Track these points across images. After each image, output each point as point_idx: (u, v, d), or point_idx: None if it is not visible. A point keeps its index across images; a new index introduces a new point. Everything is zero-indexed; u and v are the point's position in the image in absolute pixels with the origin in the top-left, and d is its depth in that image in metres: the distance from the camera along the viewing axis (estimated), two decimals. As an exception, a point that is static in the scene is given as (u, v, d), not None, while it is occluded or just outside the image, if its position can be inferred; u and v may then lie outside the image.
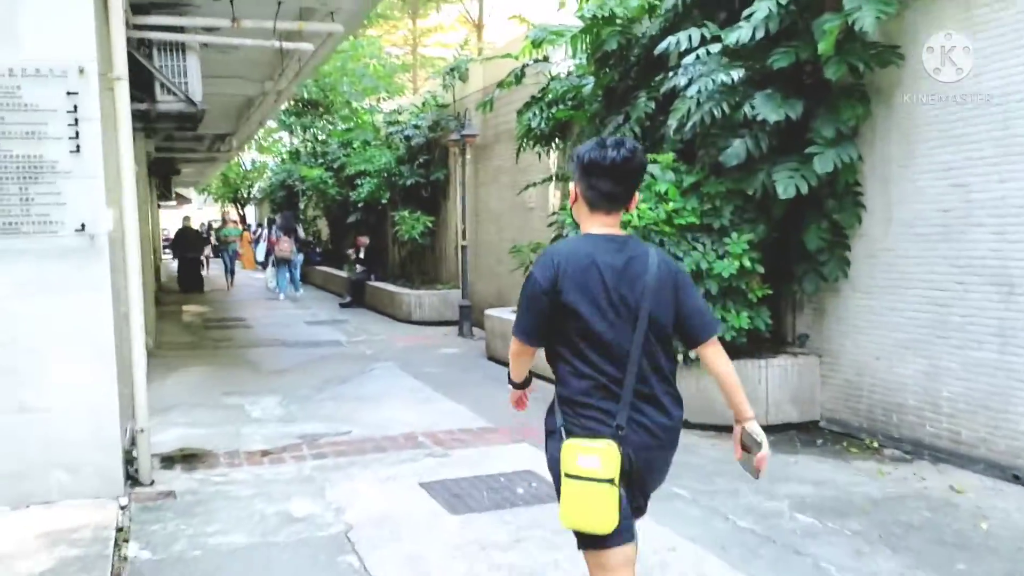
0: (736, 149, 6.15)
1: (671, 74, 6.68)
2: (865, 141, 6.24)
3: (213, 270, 23.31)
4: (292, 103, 21.09)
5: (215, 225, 29.60)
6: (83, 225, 4.82)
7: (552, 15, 10.36)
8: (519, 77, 9.44)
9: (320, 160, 20.12)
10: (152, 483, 5.33)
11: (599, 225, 2.65)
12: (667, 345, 2.64)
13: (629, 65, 8.06)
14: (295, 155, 22.36)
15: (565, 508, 2.49)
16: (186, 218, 20.71)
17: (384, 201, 15.16)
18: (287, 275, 18.41)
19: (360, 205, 16.09)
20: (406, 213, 14.25)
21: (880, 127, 6.14)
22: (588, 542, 2.56)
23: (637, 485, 2.61)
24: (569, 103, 8.80)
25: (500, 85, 9.69)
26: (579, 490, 2.45)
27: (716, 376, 2.71)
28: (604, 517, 2.43)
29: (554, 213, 10.00)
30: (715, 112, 6.15)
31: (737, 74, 6.07)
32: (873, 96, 6.10)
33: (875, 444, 6.29)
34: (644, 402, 2.57)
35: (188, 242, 19.86)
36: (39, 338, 4.82)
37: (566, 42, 7.89)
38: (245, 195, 38.23)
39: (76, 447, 4.92)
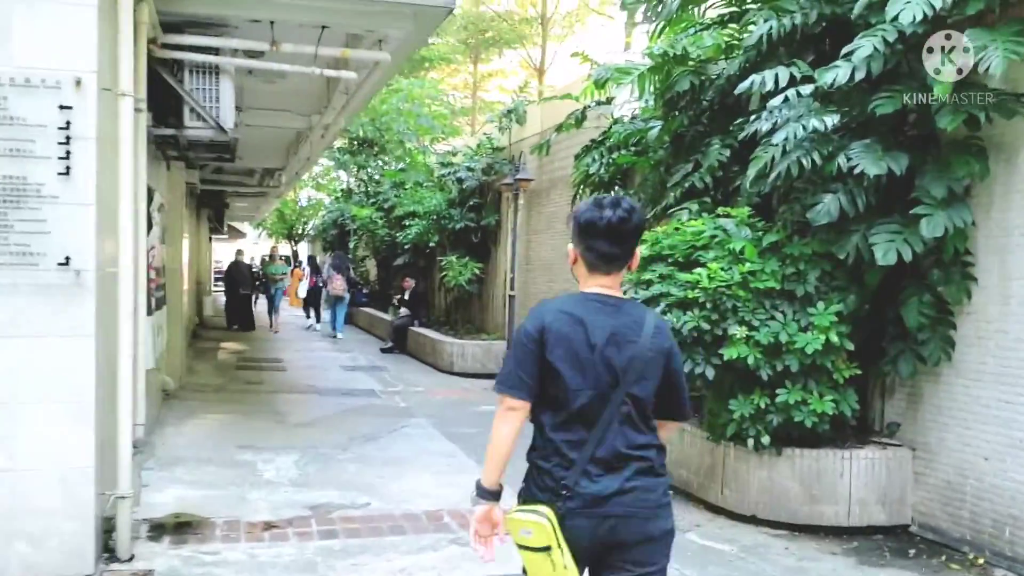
0: (827, 206, 5.31)
1: (752, 118, 5.89)
2: (979, 204, 5.34)
3: (259, 308, 22.52)
4: (347, 141, 20.82)
5: (264, 260, 28.79)
6: (68, 259, 4.18)
7: (617, 56, 9.70)
8: (579, 120, 8.76)
9: (372, 200, 19.71)
10: (131, 558, 4.60)
11: (597, 286, 2.60)
12: (645, 415, 2.58)
13: (701, 109, 7.31)
14: (348, 194, 22.03)
15: (527, 571, 2.54)
16: (239, 252, 19.88)
17: (432, 244, 14.55)
18: (341, 313, 18.57)
19: (408, 247, 15.50)
20: (454, 258, 13.60)
21: (999, 189, 5.24)
22: None
23: (607, 555, 2.53)
24: (632, 149, 8.07)
25: (559, 128, 9.01)
26: (527, 558, 2.50)
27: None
28: None
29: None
30: (803, 162, 5.33)
31: (831, 120, 5.26)
32: (992, 152, 5.21)
33: (980, 561, 5.28)
34: (606, 471, 2.50)
35: (240, 277, 18.94)
36: (7, 388, 4.16)
37: (633, 82, 7.18)
38: (299, 232, 38.32)
39: (43, 515, 4.23)
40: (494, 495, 2.59)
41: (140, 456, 5.53)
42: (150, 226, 6.85)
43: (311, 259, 23.55)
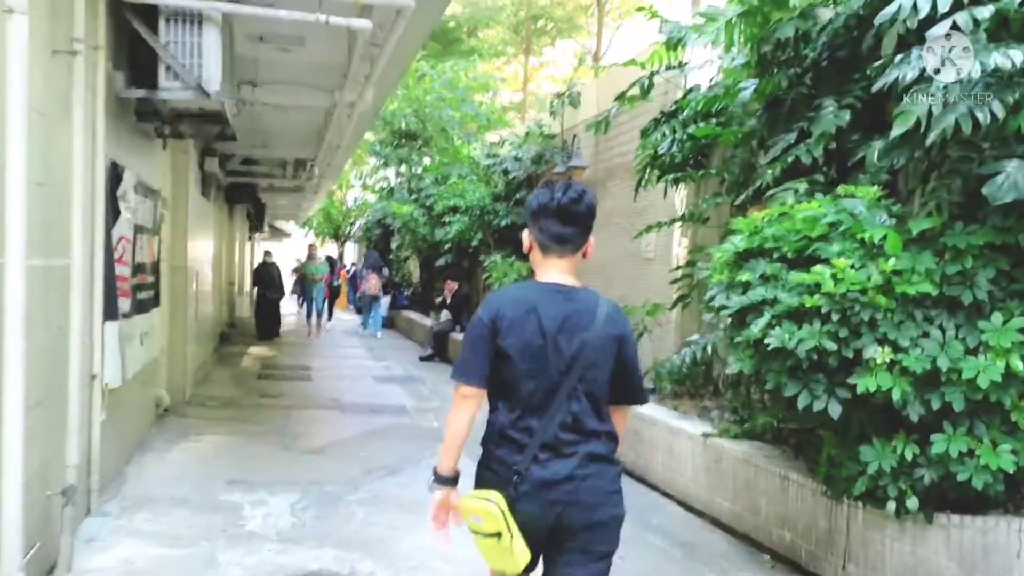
0: (1012, 177, 3.74)
1: (897, 61, 4.31)
2: None
3: (295, 311, 20.70)
4: (389, 134, 19.58)
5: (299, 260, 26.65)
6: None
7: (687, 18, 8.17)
8: (646, 88, 7.26)
9: (413, 196, 18.42)
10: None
11: (553, 270, 2.66)
12: (596, 402, 2.60)
13: (805, 66, 5.78)
14: (390, 191, 20.80)
15: (487, 561, 2.59)
16: (267, 253, 18.32)
17: (476, 243, 13.15)
18: (377, 313, 18.77)
19: (449, 246, 14.16)
20: (499, 258, 12.18)
21: None
22: None
23: (555, 538, 2.56)
24: (712, 121, 6.56)
25: (621, 98, 7.51)
26: (480, 544, 2.54)
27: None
28: (507, 562, 2.50)
29: (680, 267, 7.71)
30: (978, 116, 3.78)
31: (1021, 56, 3.69)
32: None
33: None
34: (555, 456, 2.53)
35: (269, 279, 17.17)
36: None
37: (718, 32, 5.67)
38: (346, 232, 37.41)
39: None
40: (450, 481, 2.65)
41: (74, 507, 4.20)
42: (117, 213, 5.56)
43: (329, 259, 22.50)
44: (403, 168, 19.76)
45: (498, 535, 2.45)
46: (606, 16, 23.91)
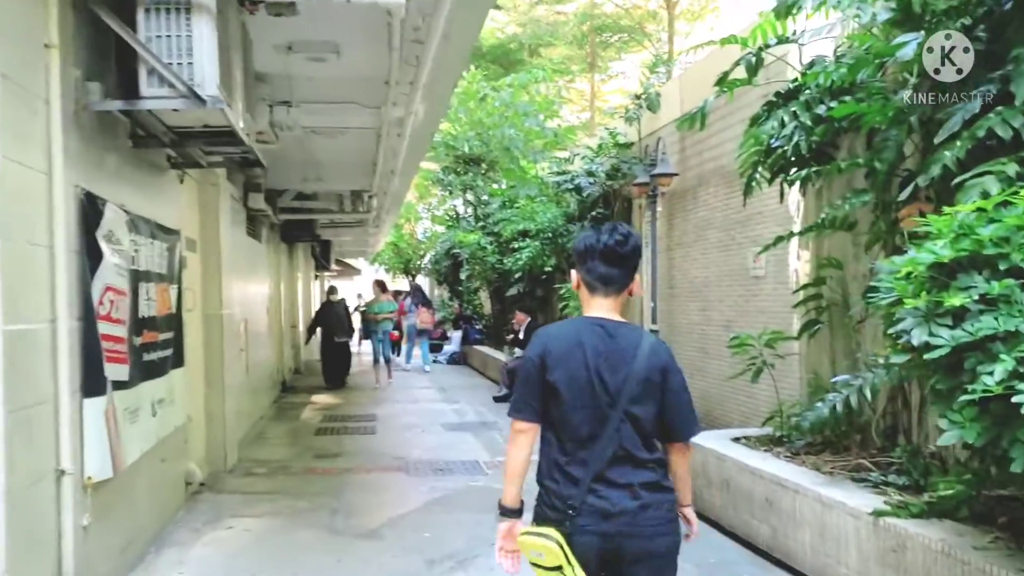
0: None
1: None
2: None
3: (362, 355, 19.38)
4: (452, 160, 18.53)
5: (363, 299, 24.32)
6: None
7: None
8: (754, 66, 5.84)
9: (480, 223, 17.26)
10: None
11: (599, 308, 2.74)
12: (645, 434, 2.65)
13: (978, 15, 4.32)
14: (456, 219, 19.72)
15: None
16: (331, 290, 16.25)
17: (549, 269, 11.82)
18: (425, 347, 18.88)
19: (520, 275, 12.87)
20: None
21: None
22: None
23: (615, 569, 2.62)
24: (847, 99, 5.10)
25: (720, 82, 6.11)
26: (541, 574, 2.57)
27: (674, 473, 2.75)
28: None
29: (805, 286, 6.24)
30: None
31: None
32: None
33: None
34: (610, 488, 2.59)
35: (335, 320, 15.31)
36: None
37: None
38: (416, 266, 36.69)
39: None
40: (515, 512, 2.74)
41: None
42: (99, 257, 4.42)
43: (410, 290, 21.49)
44: (469, 195, 18.65)
45: (559, 568, 2.51)
46: (676, 21, 22.50)
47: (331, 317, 15.43)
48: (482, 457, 8.78)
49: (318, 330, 16.27)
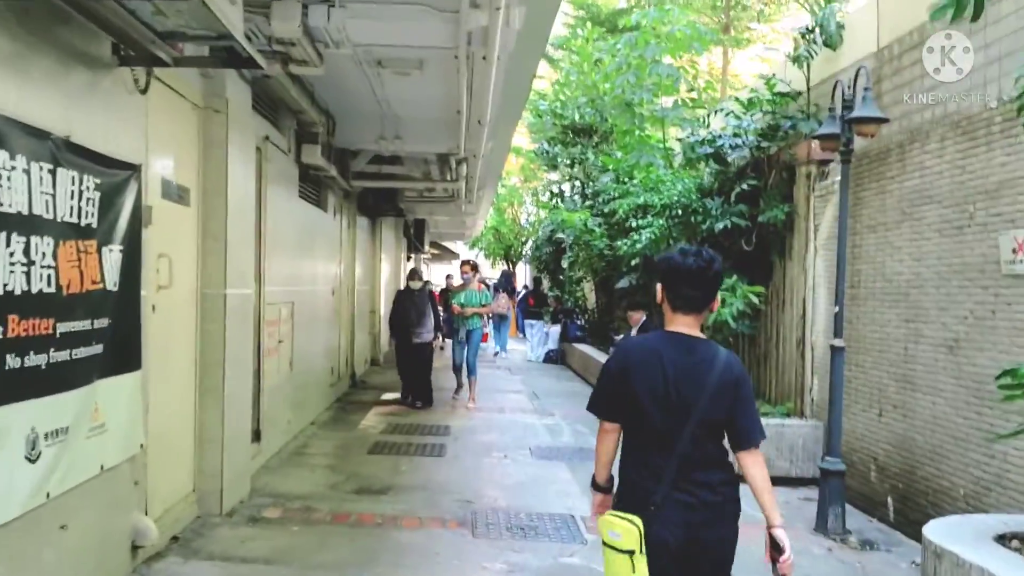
0: None
1: None
2: None
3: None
4: (560, 131, 16.06)
5: (448, 286, 20.89)
6: None
7: None
8: None
9: (588, 202, 14.75)
10: None
11: (680, 324, 2.94)
12: (719, 439, 2.92)
13: None
14: (559, 196, 17.25)
15: (606, 570, 2.84)
16: (412, 273, 11.83)
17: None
18: (504, 331, 19.24)
19: (634, 263, 10.32)
20: (713, 278, 8.19)
21: None
22: None
23: (691, 560, 2.84)
24: None
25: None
26: (609, 556, 2.80)
27: (750, 481, 2.89)
28: None
29: None
30: None
31: None
32: None
33: None
34: (688, 484, 2.83)
35: (412, 314, 11.10)
36: None
37: None
38: (518, 253, 34.51)
39: None
40: (605, 488, 3.14)
41: None
42: None
43: (504, 275, 19.48)
44: (575, 170, 16.14)
45: (631, 553, 2.72)
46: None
47: (408, 309, 11.18)
48: (580, 508, 6.33)
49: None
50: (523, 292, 22.25)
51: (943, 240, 5.80)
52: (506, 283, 20.64)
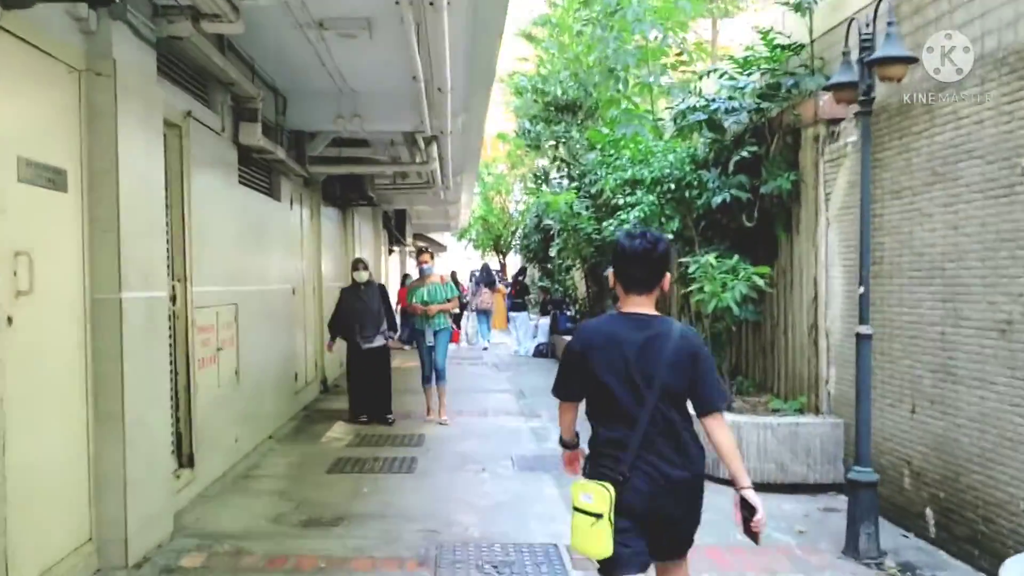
0: None
1: None
2: None
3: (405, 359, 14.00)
4: (542, 107, 15.03)
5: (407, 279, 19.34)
6: None
7: None
8: None
9: (574, 184, 13.75)
10: None
11: (633, 304, 3.08)
12: (681, 409, 3.02)
13: None
14: (543, 178, 16.23)
15: (573, 536, 2.98)
16: (356, 263, 9.60)
17: (668, 235, 8.22)
18: (487, 324, 19.41)
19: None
20: (711, 258, 7.23)
21: None
22: (602, 570, 3.00)
23: (653, 529, 2.98)
24: None
25: None
26: (578, 521, 2.93)
27: (715, 445, 3.00)
28: (598, 545, 2.88)
29: None
30: None
31: None
32: None
33: None
34: (652, 455, 2.95)
35: (360, 315, 9.30)
36: None
37: None
38: (508, 243, 33.52)
39: None
40: (572, 445, 3.36)
41: None
42: None
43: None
44: (560, 150, 15.11)
45: (599, 516, 2.85)
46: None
47: (354, 309, 9.34)
48: (567, 533, 5.34)
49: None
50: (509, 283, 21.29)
51: (988, 203, 4.82)
52: (486, 276, 20.08)
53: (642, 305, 3.06)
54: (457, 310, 11.28)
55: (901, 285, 5.73)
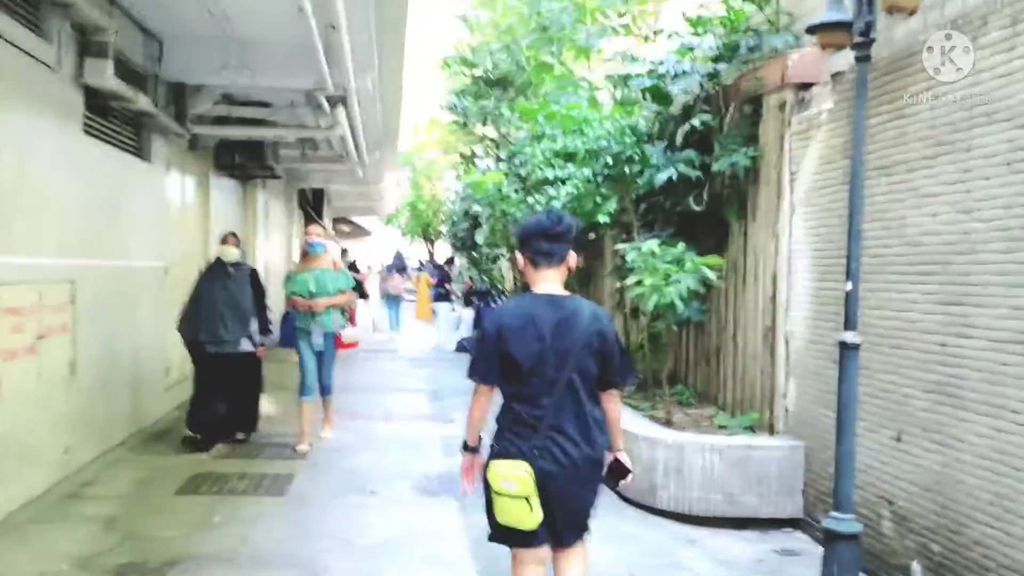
0: None
1: None
2: None
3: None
4: (472, 82, 13.76)
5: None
6: None
7: None
8: None
9: (503, 162, 12.55)
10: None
11: (544, 281, 3.16)
12: (591, 390, 3.13)
13: None
14: (470, 159, 14.97)
15: (497, 512, 3.07)
16: (227, 237, 7.37)
17: (604, 220, 7.07)
18: (396, 311, 18.60)
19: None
20: (653, 246, 6.07)
21: None
22: (506, 539, 3.13)
23: (550, 506, 3.03)
24: None
25: None
26: (504, 504, 3.03)
27: (607, 412, 3.21)
28: (528, 517, 2.99)
29: None
30: None
31: None
32: None
33: None
34: (560, 435, 3.04)
35: (221, 305, 6.96)
36: None
37: None
38: (437, 231, 32.17)
39: None
40: (474, 450, 3.31)
41: None
42: None
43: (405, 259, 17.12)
44: (489, 129, 13.86)
45: (525, 498, 2.97)
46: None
47: (213, 299, 6.98)
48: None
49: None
50: (423, 270, 20.01)
51: (1015, 178, 3.75)
52: (398, 261, 19.91)
53: (552, 280, 3.15)
54: (353, 305, 8.48)
55: (886, 283, 4.66)
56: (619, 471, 3.27)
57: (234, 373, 7.08)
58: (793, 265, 5.71)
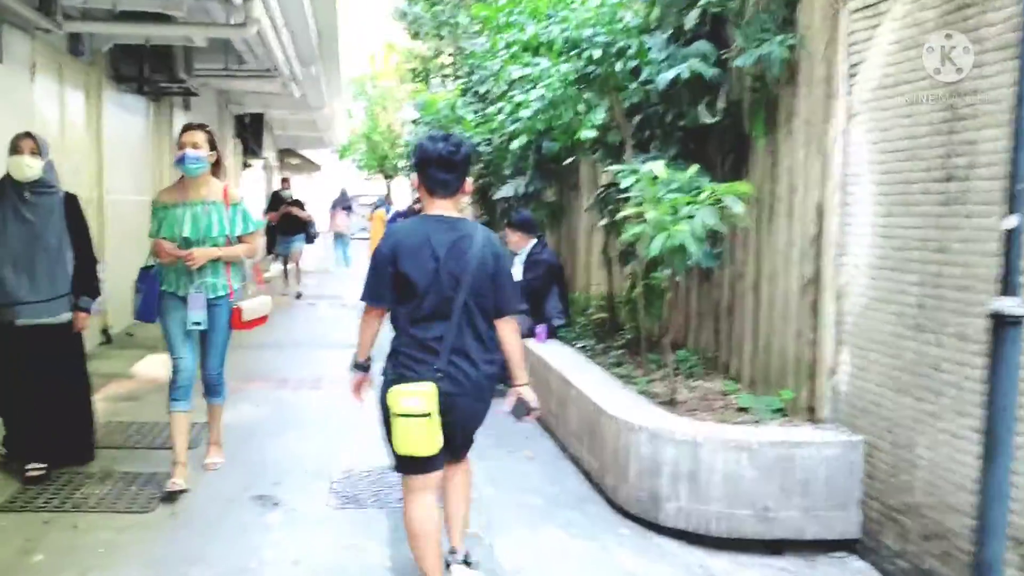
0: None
1: None
2: None
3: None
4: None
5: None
6: None
7: None
8: None
9: (461, 80, 10.80)
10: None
11: (439, 207, 3.15)
12: (485, 311, 3.13)
13: None
14: (422, 75, 13.13)
15: (397, 440, 3.00)
16: (20, 140, 4.40)
17: (582, 136, 5.41)
18: (345, 249, 18.23)
19: (523, 154, 6.52)
20: (658, 170, 4.45)
21: None
22: (408, 468, 3.09)
23: (450, 428, 3.06)
24: None
25: None
26: (403, 425, 2.96)
27: (505, 346, 3.20)
28: (428, 442, 2.97)
29: None
30: None
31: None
32: None
33: None
34: (458, 356, 3.06)
35: (27, 248, 4.40)
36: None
37: None
38: (394, 165, 30.34)
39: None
40: (365, 367, 3.33)
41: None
42: None
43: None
44: (445, 41, 12.03)
45: (428, 415, 2.93)
46: None
47: (3, 240, 4.42)
48: None
49: None
50: (380, 206, 17.94)
51: None
52: (342, 199, 18.89)
53: (447, 208, 3.16)
54: (255, 256, 4.84)
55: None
56: (522, 407, 3.26)
57: (49, 360, 4.58)
58: (849, 194, 4.15)
